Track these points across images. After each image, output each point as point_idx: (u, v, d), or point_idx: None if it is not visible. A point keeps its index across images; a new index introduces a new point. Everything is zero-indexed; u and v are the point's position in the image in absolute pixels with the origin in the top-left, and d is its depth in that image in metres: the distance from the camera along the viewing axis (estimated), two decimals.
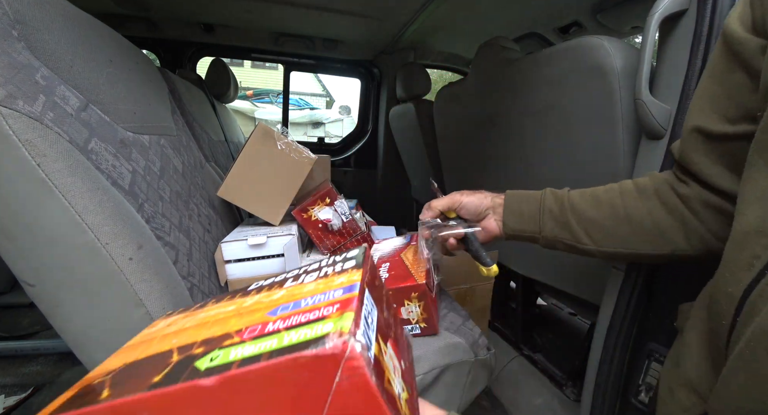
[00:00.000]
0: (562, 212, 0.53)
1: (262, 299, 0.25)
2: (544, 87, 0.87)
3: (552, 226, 0.54)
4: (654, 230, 0.48)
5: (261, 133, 0.77)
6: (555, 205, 0.54)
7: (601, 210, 0.51)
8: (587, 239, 0.52)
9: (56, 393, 1.10)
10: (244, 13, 1.52)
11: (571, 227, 0.53)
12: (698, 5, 0.55)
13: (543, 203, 0.55)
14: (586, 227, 0.52)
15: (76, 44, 0.45)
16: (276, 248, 0.69)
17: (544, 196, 0.55)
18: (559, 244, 0.55)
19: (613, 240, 0.51)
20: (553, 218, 0.54)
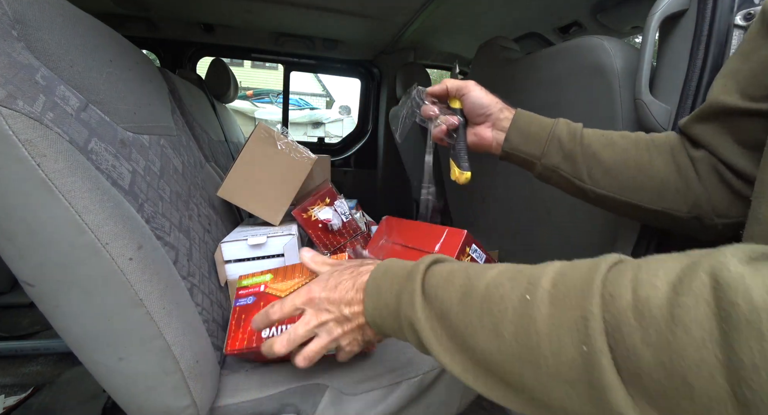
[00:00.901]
0: (572, 143, 0.51)
1: None
2: (544, 87, 0.87)
3: (556, 154, 0.51)
4: (657, 183, 0.48)
5: (261, 133, 0.77)
6: (566, 135, 0.51)
7: (613, 152, 0.49)
8: (587, 177, 0.50)
9: (56, 393, 1.11)
10: (244, 13, 1.52)
11: (576, 160, 0.50)
12: (698, 5, 0.55)
13: (554, 129, 0.52)
14: (591, 165, 0.50)
15: (76, 44, 0.45)
16: (276, 248, 0.69)
17: (557, 124, 0.53)
18: (555, 175, 0.53)
19: (612, 184, 0.50)
20: (560, 147, 0.51)
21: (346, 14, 1.45)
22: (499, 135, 0.56)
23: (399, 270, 0.36)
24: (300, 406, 0.53)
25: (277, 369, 0.56)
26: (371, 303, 0.36)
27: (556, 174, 0.53)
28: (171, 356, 0.42)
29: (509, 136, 0.54)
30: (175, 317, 0.43)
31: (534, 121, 0.54)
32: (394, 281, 0.35)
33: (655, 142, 0.49)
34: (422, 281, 0.33)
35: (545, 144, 0.52)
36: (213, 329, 0.56)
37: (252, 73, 8.82)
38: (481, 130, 0.57)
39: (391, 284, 0.35)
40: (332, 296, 0.39)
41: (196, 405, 0.45)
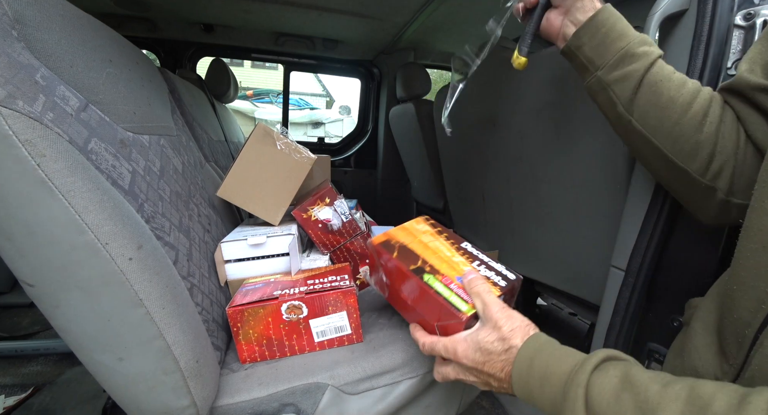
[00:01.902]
0: (637, 65, 0.46)
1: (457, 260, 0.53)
2: (545, 87, 0.87)
3: (615, 72, 0.47)
4: (697, 143, 0.45)
5: (261, 133, 0.77)
6: (638, 51, 0.46)
7: (676, 93, 0.45)
8: (633, 109, 0.47)
9: (56, 393, 1.11)
10: (244, 13, 1.52)
11: (630, 86, 0.46)
12: (698, 5, 0.55)
13: (628, 45, 0.47)
14: (643, 97, 0.46)
15: (76, 44, 0.45)
16: (276, 248, 0.69)
17: (634, 40, 0.47)
18: (603, 94, 0.49)
19: (656, 127, 0.46)
20: (623, 65, 0.47)
21: (346, 14, 1.46)
22: (569, 29, 0.50)
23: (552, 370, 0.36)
24: (300, 405, 0.53)
25: (277, 368, 0.56)
26: (522, 395, 0.38)
27: (604, 93, 0.49)
28: (171, 356, 0.42)
29: (580, 33, 0.48)
30: (175, 317, 0.43)
31: (614, 24, 0.48)
32: (545, 383, 0.36)
33: (717, 98, 0.47)
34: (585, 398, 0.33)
35: (612, 57, 0.47)
36: (213, 329, 0.56)
37: (252, 73, 8.82)
38: (553, 16, 0.52)
39: (542, 385, 0.36)
40: (480, 369, 0.42)
41: (196, 405, 0.45)
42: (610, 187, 0.76)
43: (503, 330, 0.40)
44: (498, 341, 0.40)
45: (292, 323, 0.58)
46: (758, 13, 0.51)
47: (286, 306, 0.57)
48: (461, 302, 0.45)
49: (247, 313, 0.56)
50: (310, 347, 0.60)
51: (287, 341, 0.58)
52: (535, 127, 0.93)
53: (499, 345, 0.40)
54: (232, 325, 0.56)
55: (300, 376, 0.54)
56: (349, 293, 0.58)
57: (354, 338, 0.61)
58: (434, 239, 0.56)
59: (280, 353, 0.59)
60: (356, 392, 0.56)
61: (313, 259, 0.79)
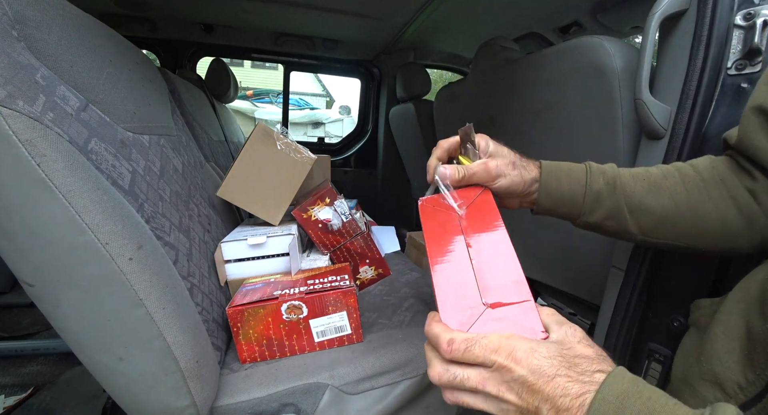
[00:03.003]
0: (613, 197, 0.45)
1: None
2: (544, 87, 0.87)
3: (597, 212, 0.46)
4: (717, 226, 0.43)
5: (261, 133, 0.77)
6: (605, 188, 0.46)
7: (660, 199, 0.45)
8: (635, 228, 0.46)
9: (56, 393, 1.10)
10: (244, 13, 1.52)
11: (621, 214, 0.46)
12: (698, 5, 0.55)
13: (589, 184, 0.46)
14: (639, 216, 0.46)
15: (76, 44, 0.45)
16: (276, 248, 0.69)
17: (591, 175, 0.46)
18: (599, 230, 0.48)
19: (666, 232, 0.46)
20: (601, 203, 0.46)
21: (346, 14, 1.45)
22: (528, 198, 0.48)
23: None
24: (300, 405, 0.53)
25: (277, 368, 0.56)
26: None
27: (601, 229, 0.48)
28: (171, 356, 0.42)
29: (540, 200, 0.47)
30: (175, 317, 0.43)
31: (563, 178, 0.46)
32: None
33: (704, 177, 0.45)
34: None
35: (583, 202, 0.46)
36: (213, 329, 0.56)
37: (252, 73, 8.82)
38: (508, 203, 0.50)
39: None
40: (538, 386, 0.27)
41: (196, 405, 0.45)
42: None
43: (596, 347, 0.29)
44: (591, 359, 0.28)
45: (292, 323, 0.58)
46: (758, 13, 0.51)
47: (286, 306, 0.57)
48: None
49: (247, 313, 0.56)
50: (310, 347, 0.60)
51: (287, 341, 0.58)
52: (534, 128, 0.93)
53: (589, 364, 0.27)
54: (232, 325, 0.56)
55: (300, 376, 0.54)
56: (349, 293, 0.58)
57: (354, 338, 0.61)
58: None
59: (280, 353, 0.59)
60: (356, 392, 0.56)
61: (313, 259, 0.79)
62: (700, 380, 0.40)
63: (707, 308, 0.47)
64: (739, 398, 0.36)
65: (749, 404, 0.35)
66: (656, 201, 0.45)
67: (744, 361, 0.37)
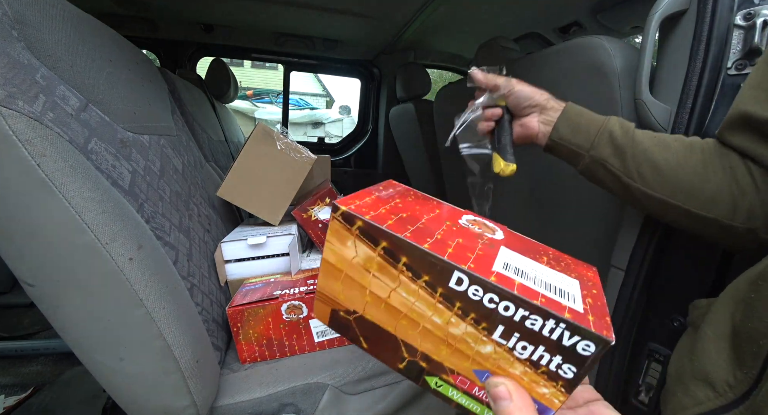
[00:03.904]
0: (624, 138, 0.49)
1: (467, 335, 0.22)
2: (544, 87, 0.87)
3: (605, 147, 0.50)
4: (712, 189, 0.45)
5: (261, 133, 0.77)
6: (618, 130, 0.50)
7: (667, 154, 0.48)
8: (636, 175, 0.49)
9: (56, 393, 1.10)
10: (244, 13, 1.52)
11: (626, 156, 0.49)
12: (698, 5, 0.55)
13: (606, 123, 0.51)
14: (641, 164, 0.48)
15: (76, 44, 0.45)
16: (276, 248, 0.69)
17: (609, 119, 0.51)
18: (601, 170, 0.51)
19: (664, 185, 0.48)
20: (611, 141, 0.50)
21: (346, 14, 1.45)
22: (546, 126, 0.54)
23: None
24: (300, 405, 0.53)
25: (277, 368, 0.56)
26: None
27: (603, 168, 0.51)
28: (171, 356, 0.42)
29: (558, 125, 0.53)
30: (175, 317, 0.43)
31: (585, 114, 0.52)
32: None
33: (710, 146, 0.47)
34: None
35: (595, 136, 0.50)
36: (213, 329, 0.56)
37: (252, 73, 8.82)
38: (527, 121, 0.56)
39: None
40: None
41: (196, 405, 0.45)
42: None
43: None
44: None
45: (292, 323, 0.58)
46: (758, 13, 0.51)
47: (286, 306, 0.57)
48: None
49: (247, 313, 0.56)
50: (310, 347, 0.60)
51: (287, 341, 0.58)
52: None
53: None
54: (232, 325, 0.56)
55: (300, 376, 0.54)
56: None
57: None
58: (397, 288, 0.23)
59: (280, 353, 0.59)
60: (356, 392, 0.56)
61: (313, 259, 0.79)
62: (693, 379, 0.41)
63: (703, 308, 0.47)
64: (728, 397, 0.37)
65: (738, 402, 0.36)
66: (662, 154, 0.48)
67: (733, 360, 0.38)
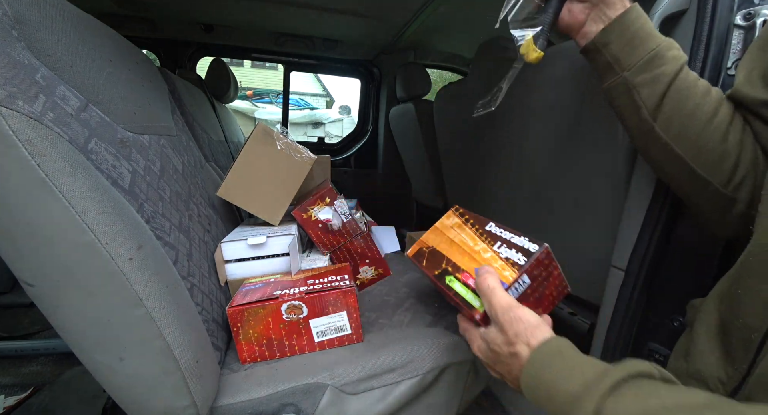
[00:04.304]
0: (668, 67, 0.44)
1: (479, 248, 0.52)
2: (545, 87, 0.87)
3: (645, 73, 0.44)
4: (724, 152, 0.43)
5: (261, 133, 0.77)
6: (666, 57, 0.44)
7: (703, 102, 0.43)
8: (660, 116, 0.44)
9: (56, 393, 1.10)
10: (244, 13, 1.52)
11: (661, 91, 0.44)
12: (698, 5, 0.55)
13: (659, 47, 0.44)
14: (674, 106, 0.44)
15: (76, 44, 0.45)
16: (276, 248, 0.69)
17: (664, 43, 0.44)
18: (626, 97, 0.46)
19: (681, 139, 0.44)
20: (652, 66, 0.44)
21: (346, 14, 1.46)
22: (595, 25, 0.46)
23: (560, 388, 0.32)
24: (300, 405, 0.53)
25: (277, 368, 0.56)
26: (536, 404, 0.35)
27: (627, 95, 0.45)
28: (171, 356, 0.42)
29: (610, 27, 0.45)
30: (175, 317, 0.43)
31: (645, 25, 0.44)
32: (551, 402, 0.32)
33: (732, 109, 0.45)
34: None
35: (642, 56, 0.44)
36: (213, 329, 0.56)
37: (252, 73, 8.82)
38: (577, 9, 0.48)
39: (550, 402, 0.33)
40: (493, 368, 0.44)
41: (196, 405, 0.45)
42: (610, 187, 0.76)
43: (508, 334, 0.39)
44: (504, 345, 0.40)
45: (292, 323, 0.58)
46: (758, 13, 0.51)
47: (286, 306, 0.57)
48: (475, 298, 0.46)
49: (247, 313, 0.56)
50: (310, 347, 0.60)
51: (287, 341, 0.58)
52: (535, 128, 0.93)
53: (505, 348, 0.40)
54: (232, 325, 0.56)
55: (300, 376, 0.54)
56: (349, 292, 0.58)
57: (354, 338, 0.61)
58: (460, 232, 0.57)
59: (280, 353, 0.59)
60: (356, 392, 0.56)
61: (313, 259, 0.79)
62: (688, 378, 0.41)
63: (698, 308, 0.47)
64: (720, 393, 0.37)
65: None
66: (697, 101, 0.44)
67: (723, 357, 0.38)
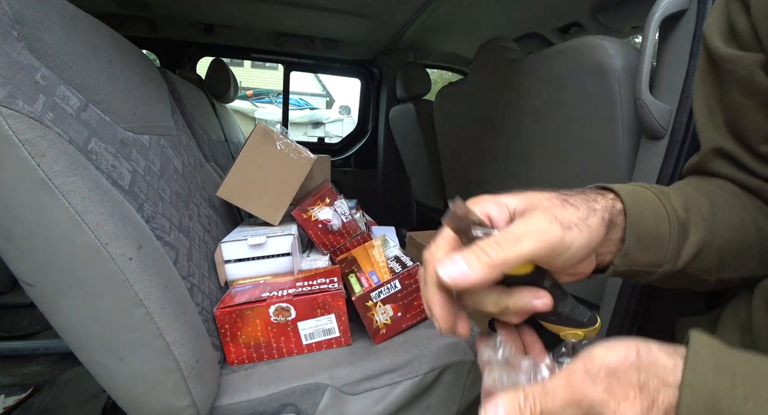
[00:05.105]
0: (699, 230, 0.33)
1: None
2: (544, 87, 0.87)
3: (684, 250, 0.32)
4: None
5: (261, 133, 0.77)
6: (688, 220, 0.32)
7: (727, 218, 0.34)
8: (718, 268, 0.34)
9: (56, 393, 1.10)
10: (244, 13, 1.52)
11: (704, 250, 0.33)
12: (698, 5, 0.55)
13: (673, 212, 0.32)
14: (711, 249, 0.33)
15: (76, 44, 0.45)
16: (276, 248, 0.69)
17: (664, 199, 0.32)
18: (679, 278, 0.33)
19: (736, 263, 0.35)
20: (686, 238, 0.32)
21: (346, 14, 1.46)
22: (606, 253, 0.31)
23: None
24: (300, 406, 0.53)
25: (277, 369, 0.56)
26: None
27: (684, 276, 0.34)
28: (171, 356, 0.42)
29: (629, 250, 0.30)
30: (175, 317, 0.43)
31: (647, 208, 0.31)
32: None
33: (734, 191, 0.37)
34: None
35: (671, 243, 0.32)
36: (213, 329, 0.56)
37: (252, 73, 8.82)
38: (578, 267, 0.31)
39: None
40: None
41: (196, 405, 0.45)
42: None
43: None
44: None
45: (280, 325, 0.57)
46: None
47: (274, 308, 0.56)
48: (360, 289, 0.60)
49: (235, 314, 0.55)
50: (298, 349, 0.59)
51: (275, 343, 0.58)
52: (534, 127, 0.93)
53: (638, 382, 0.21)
54: (219, 326, 0.56)
55: (300, 376, 0.54)
56: (338, 295, 0.58)
57: (342, 340, 0.61)
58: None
59: (268, 355, 0.59)
60: (356, 393, 0.56)
61: (313, 259, 0.79)
62: None
63: None
64: None
65: None
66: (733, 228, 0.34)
67: None
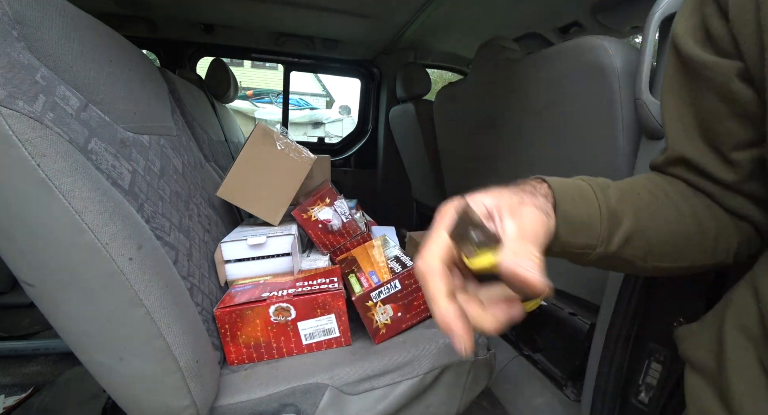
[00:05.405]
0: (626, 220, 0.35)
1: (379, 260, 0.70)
2: (544, 87, 0.87)
3: (616, 236, 0.35)
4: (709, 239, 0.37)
5: (261, 133, 0.77)
6: (617, 204, 0.35)
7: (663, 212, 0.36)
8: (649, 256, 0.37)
9: (56, 393, 1.10)
10: (244, 13, 1.52)
11: (639, 235, 0.36)
12: None
13: (604, 202, 0.35)
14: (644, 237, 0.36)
15: (76, 44, 0.45)
16: (276, 248, 0.69)
17: (598, 191, 0.35)
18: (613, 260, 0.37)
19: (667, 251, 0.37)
20: (618, 224, 0.35)
21: (346, 14, 1.45)
22: None
23: None
24: (300, 406, 0.53)
25: (277, 369, 0.56)
26: None
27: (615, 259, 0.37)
28: (171, 356, 0.42)
29: (559, 232, 0.34)
30: (175, 317, 0.43)
31: (576, 193, 0.35)
32: None
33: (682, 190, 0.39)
34: None
35: (600, 226, 0.34)
36: (213, 329, 0.56)
37: (252, 73, 8.81)
38: None
39: None
40: None
41: (196, 405, 0.45)
42: None
43: None
44: None
45: (280, 325, 0.57)
46: None
47: (274, 308, 0.56)
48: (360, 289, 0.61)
49: (235, 314, 0.55)
50: (298, 349, 0.59)
51: (275, 343, 0.58)
52: (534, 128, 0.93)
53: None
54: (219, 326, 0.56)
55: (300, 376, 0.54)
56: (338, 295, 0.58)
57: (342, 340, 0.61)
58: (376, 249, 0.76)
59: (267, 355, 0.59)
60: (356, 393, 0.56)
61: (313, 259, 0.79)
62: None
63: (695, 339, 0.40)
64: None
65: None
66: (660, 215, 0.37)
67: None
